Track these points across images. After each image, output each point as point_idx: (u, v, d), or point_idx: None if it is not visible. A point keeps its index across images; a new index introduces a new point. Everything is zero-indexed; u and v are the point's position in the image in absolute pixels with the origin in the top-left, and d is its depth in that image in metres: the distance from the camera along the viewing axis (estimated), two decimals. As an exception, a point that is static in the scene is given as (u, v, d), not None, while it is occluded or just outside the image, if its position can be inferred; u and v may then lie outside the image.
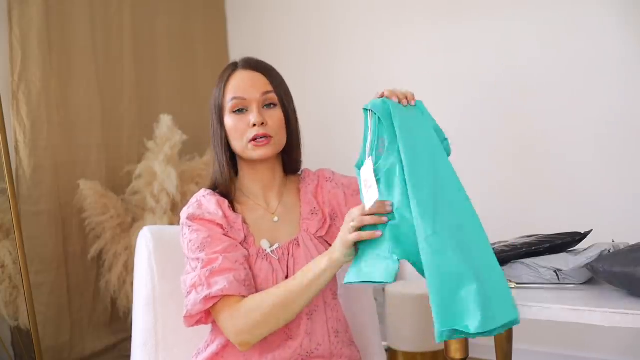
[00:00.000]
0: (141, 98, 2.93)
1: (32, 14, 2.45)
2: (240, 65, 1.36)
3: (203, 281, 1.23)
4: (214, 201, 1.34)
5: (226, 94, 1.34)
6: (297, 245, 1.35)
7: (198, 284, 1.24)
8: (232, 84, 1.34)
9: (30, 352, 2.28)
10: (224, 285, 1.21)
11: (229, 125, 1.33)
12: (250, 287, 1.26)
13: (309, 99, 3.03)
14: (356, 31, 3.04)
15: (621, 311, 1.10)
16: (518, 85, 2.62)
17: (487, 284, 1.03)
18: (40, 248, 2.44)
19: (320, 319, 1.34)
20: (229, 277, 1.23)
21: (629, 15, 2.38)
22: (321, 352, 1.33)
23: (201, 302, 1.22)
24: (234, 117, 1.33)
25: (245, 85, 1.33)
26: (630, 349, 2.36)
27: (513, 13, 2.62)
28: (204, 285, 1.23)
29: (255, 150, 1.32)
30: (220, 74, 1.38)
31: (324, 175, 1.47)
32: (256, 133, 1.31)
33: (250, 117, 1.31)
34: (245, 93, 1.32)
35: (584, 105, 2.48)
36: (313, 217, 1.39)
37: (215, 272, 1.23)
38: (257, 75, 1.35)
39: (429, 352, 2.43)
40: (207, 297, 1.22)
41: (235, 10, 3.42)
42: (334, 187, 1.43)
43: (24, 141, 2.42)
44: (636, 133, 2.39)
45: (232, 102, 1.32)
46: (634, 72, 2.38)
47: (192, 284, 1.25)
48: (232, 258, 1.26)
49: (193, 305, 1.24)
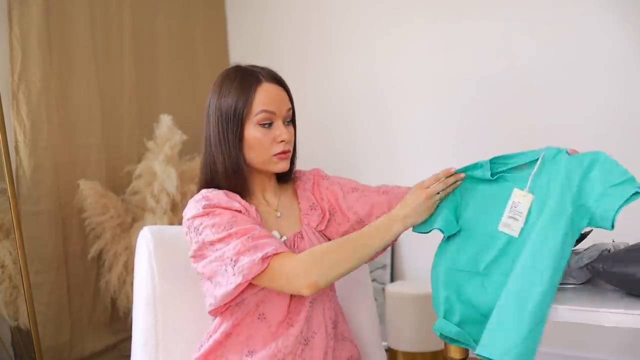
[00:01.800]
0: (141, 98, 2.93)
1: (32, 14, 2.45)
2: (266, 77, 1.35)
3: (249, 246, 1.22)
4: (222, 194, 1.34)
5: (254, 105, 1.33)
6: (301, 238, 1.39)
7: (244, 249, 1.22)
8: (262, 95, 1.33)
9: (30, 352, 2.27)
10: (274, 245, 1.23)
11: (253, 136, 1.33)
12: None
13: (309, 99, 3.03)
14: (356, 31, 3.04)
15: (621, 311, 1.10)
16: (518, 85, 2.62)
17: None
18: (40, 248, 2.44)
19: (319, 306, 1.37)
20: (274, 241, 1.25)
21: (628, 15, 2.39)
22: (317, 340, 1.34)
23: (259, 262, 1.21)
24: (261, 130, 1.33)
25: (276, 100, 1.34)
26: (630, 349, 2.36)
27: (513, 13, 2.62)
28: (252, 249, 1.22)
29: (278, 164, 1.36)
30: (239, 82, 1.34)
31: (319, 174, 1.51)
32: (283, 149, 1.34)
33: (279, 132, 1.34)
34: (276, 107, 1.34)
35: (583, 105, 2.49)
36: (312, 212, 1.43)
37: (258, 237, 1.24)
38: (281, 90, 1.37)
39: (429, 352, 2.43)
40: (264, 257, 1.21)
41: (235, 10, 3.42)
42: (330, 184, 1.47)
43: (24, 141, 2.42)
44: (636, 132, 2.39)
45: (261, 114, 1.33)
46: (634, 71, 2.38)
47: (237, 252, 1.22)
48: (265, 231, 1.28)
49: (250, 268, 1.21)
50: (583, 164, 1.22)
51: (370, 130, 3.01)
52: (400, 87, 2.93)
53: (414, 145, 2.89)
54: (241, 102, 1.33)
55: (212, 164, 1.37)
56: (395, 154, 2.95)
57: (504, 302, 1.13)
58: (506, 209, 1.25)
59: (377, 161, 3.00)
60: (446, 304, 1.22)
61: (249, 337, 1.32)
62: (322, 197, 1.45)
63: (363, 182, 1.52)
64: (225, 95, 1.35)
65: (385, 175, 2.96)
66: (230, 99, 1.34)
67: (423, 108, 2.87)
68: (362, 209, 1.43)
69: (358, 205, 1.43)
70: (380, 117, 2.99)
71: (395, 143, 2.95)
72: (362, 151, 3.03)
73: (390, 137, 2.96)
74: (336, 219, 1.44)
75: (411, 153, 2.91)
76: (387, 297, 2.53)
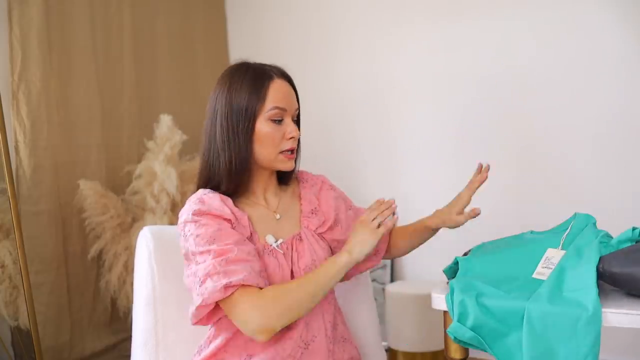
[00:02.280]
0: (141, 98, 2.93)
1: (32, 14, 2.45)
2: (277, 74, 1.37)
3: (219, 270, 1.21)
4: (217, 198, 1.33)
5: (266, 100, 1.33)
6: (299, 240, 1.38)
7: (213, 272, 1.21)
8: (274, 92, 1.34)
9: (30, 352, 2.27)
10: (243, 274, 1.20)
11: (264, 131, 1.33)
12: (265, 279, 1.27)
13: (309, 99, 3.03)
14: (356, 31, 3.04)
15: (621, 311, 1.10)
16: (518, 85, 2.63)
17: None
18: (40, 248, 2.44)
19: (318, 310, 1.36)
20: (247, 266, 1.22)
21: (628, 14, 2.39)
22: (317, 343, 1.34)
23: (220, 290, 1.19)
24: (272, 125, 1.34)
25: (287, 97, 1.36)
26: (630, 349, 2.36)
27: (513, 13, 2.62)
28: (220, 274, 1.20)
29: (285, 162, 1.37)
30: (251, 77, 1.34)
31: (327, 183, 1.53)
32: (291, 146, 1.36)
33: (289, 129, 1.35)
34: (287, 104, 1.35)
35: (583, 104, 2.49)
36: (313, 216, 1.43)
37: (231, 261, 1.22)
38: (291, 88, 1.39)
39: (428, 352, 2.43)
40: (227, 285, 1.19)
41: (235, 10, 3.42)
42: (337, 196, 1.51)
43: (24, 141, 2.42)
44: (636, 132, 2.39)
45: (273, 110, 1.33)
46: (634, 71, 2.38)
47: (206, 273, 1.22)
48: (246, 250, 1.26)
49: (211, 293, 1.20)
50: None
51: (370, 130, 3.01)
52: (400, 87, 2.93)
53: (414, 145, 2.89)
54: (254, 97, 1.33)
55: (215, 159, 1.35)
56: (395, 154, 2.95)
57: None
58: (540, 262, 1.29)
59: (377, 161, 3.00)
60: (460, 307, 1.22)
61: (247, 342, 1.32)
62: (329, 204, 1.46)
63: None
64: (237, 90, 1.33)
65: (385, 175, 2.96)
66: (243, 94, 1.33)
67: (423, 108, 2.87)
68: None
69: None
70: (380, 117, 2.99)
71: (395, 143, 2.95)
72: (362, 151, 3.03)
73: (390, 137, 2.96)
74: (340, 229, 1.47)
75: (411, 153, 2.91)
76: (387, 297, 2.53)
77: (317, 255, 1.37)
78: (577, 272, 1.18)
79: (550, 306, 1.13)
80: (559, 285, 1.17)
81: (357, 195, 2.70)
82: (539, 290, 1.17)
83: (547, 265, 1.27)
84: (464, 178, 1.20)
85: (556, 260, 1.27)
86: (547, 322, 1.12)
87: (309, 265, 1.35)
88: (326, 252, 1.41)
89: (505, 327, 1.17)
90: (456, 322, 1.23)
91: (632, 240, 1.25)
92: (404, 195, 2.91)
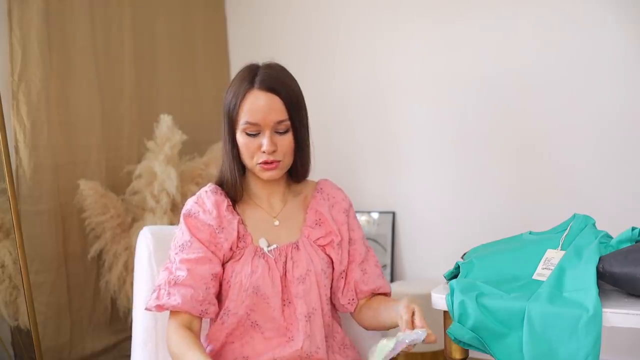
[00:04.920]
0: (141, 98, 2.93)
1: (32, 14, 2.45)
2: (257, 84, 1.31)
3: (166, 288, 1.31)
4: (212, 199, 1.35)
5: (240, 113, 1.31)
6: (296, 249, 1.37)
7: (163, 284, 1.32)
8: (248, 105, 1.31)
9: (30, 352, 2.27)
10: (177, 302, 1.28)
11: (240, 142, 1.34)
12: (208, 305, 1.31)
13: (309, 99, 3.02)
14: (356, 31, 3.04)
15: (621, 311, 1.10)
16: (518, 85, 2.62)
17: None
18: (40, 248, 2.44)
19: (318, 322, 1.35)
20: (186, 294, 1.28)
21: (629, 15, 2.38)
22: (320, 355, 1.34)
23: (155, 307, 1.32)
24: (246, 137, 1.33)
25: (261, 111, 1.30)
26: (631, 349, 2.36)
27: (513, 13, 2.62)
28: (167, 289, 1.31)
29: (263, 173, 1.35)
30: (238, 80, 1.34)
31: (346, 205, 1.47)
32: (265, 159, 1.32)
33: (263, 142, 1.31)
34: (260, 119, 1.30)
35: (584, 105, 2.49)
36: (316, 227, 1.41)
37: (177, 284, 1.30)
38: (274, 98, 1.31)
39: (428, 352, 2.43)
40: (159, 306, 1.31)
41: (235, 10, 3.42)
42: (348, 226, 1.45)
43: (24, 141, 2.42)
44: (636, 132, 2.39)
45: (245, 125, 1.31)
46: (634, 72, 2.38)
47: (158, 285, 1.34)
48: (199, 274, 1.30)
49: (151, 304, 1.32)
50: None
51: (370, 130, 3.01)
52: (400, 87, 2.93)
53: (414, 145, 2.89)
54: (232, 105, 1.33)
55: (223, 159, 1.40)
56: (395, 154, 2.95)
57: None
58: (540, 263, 1.30)
59: (377, 161, 2.99)
60: (461, 308, 1.22)
61: (243, 345, 1.33)
62: (342, 222, 1.43)
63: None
64: (228, 94, 1.35)
65: (385, 175, 2.96)
66: (228, 100, 1.35)
67: (423, 108, 2.87)
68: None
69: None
70: (380, 117, 2.99)
71: (395, 143, 2.95)
72: (362, 151, 3.03)
73: (390, 137, 2.96)
74: (349, 250, 1.43)
75: (411, 153, 2.90)
76: (387, 297, 2.53)
77: (313, 266, 1.36)
78: (577, 273, 1.18)
79: (551, 306, 1.13)
80: (559, 286, 1.17)
81: (357, 196, 2.71)
82: (539, 291, 1.17)
83: (547, 266, 1.28)
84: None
85: (556, 261, 1.27)
86: (547, 322, 1.12)
87: (304, 275, 1.34)
88: (324, 264, 1.39)
89: (505, 328, 1.17)
90: (456, 323, 1.23)
91: (632, 240, 1.25)
92: (404, 195, 2.91)
